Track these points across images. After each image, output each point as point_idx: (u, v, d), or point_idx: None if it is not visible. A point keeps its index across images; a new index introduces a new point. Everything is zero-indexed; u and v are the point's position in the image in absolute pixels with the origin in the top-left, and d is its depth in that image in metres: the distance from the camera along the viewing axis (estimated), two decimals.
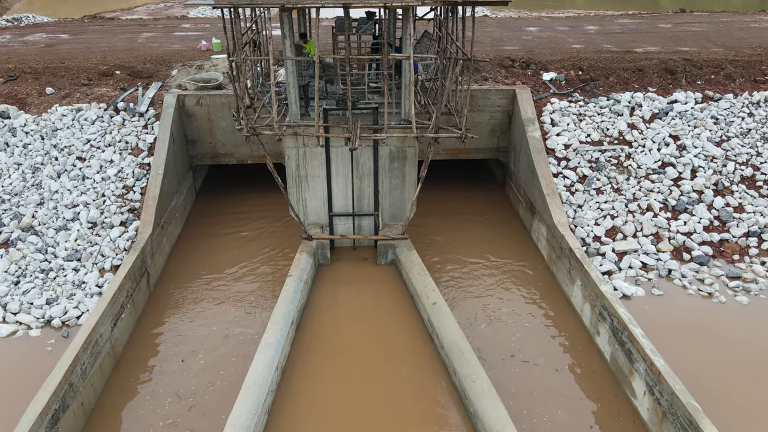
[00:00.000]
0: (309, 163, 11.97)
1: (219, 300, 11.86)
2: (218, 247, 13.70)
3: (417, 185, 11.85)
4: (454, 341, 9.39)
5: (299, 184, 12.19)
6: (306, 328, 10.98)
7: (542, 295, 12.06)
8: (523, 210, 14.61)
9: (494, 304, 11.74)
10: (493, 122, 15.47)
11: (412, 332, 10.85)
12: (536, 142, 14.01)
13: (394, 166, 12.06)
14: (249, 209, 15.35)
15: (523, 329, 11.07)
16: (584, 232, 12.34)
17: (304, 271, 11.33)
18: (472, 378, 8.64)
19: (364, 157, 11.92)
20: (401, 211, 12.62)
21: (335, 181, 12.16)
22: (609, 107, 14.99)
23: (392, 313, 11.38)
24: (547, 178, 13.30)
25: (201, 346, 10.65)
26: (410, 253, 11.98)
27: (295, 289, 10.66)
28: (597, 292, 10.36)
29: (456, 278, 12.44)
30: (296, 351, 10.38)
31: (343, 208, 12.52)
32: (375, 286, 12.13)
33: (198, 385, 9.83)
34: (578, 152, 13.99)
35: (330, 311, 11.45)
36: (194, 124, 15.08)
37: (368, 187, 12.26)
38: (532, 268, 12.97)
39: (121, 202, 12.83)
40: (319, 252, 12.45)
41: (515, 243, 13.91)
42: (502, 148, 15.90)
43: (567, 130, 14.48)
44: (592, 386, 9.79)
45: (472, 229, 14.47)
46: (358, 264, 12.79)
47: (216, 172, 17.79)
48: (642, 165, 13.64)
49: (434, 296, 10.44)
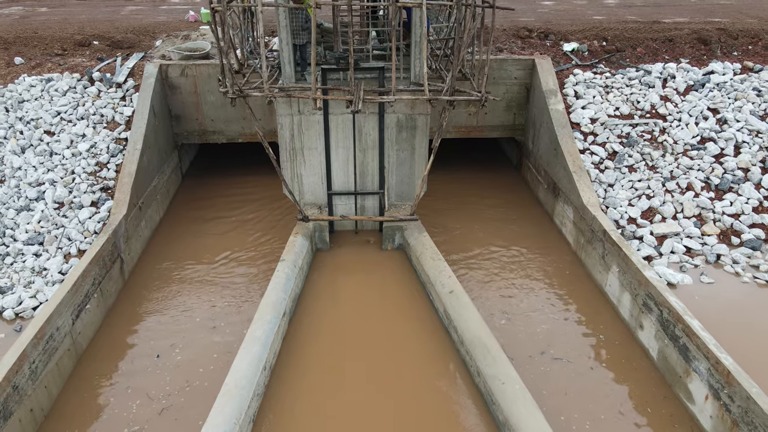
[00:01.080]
0: (305, 134, 10.46)
1: (204, 289, 10.38)
2: (205, 233, 12.21)
3: (428, 159, 10.35)
4: (476, 336, 7.89)
5: (294, 158, 10.69)
6: (301, 320, 9.48)
7: (570, 285, 10.59)
8: (544, 192, 13.13)
9: (515, 296, 10.26)
10: (509, 96, 14.00)
11: (424, 326, 9.36)
12: (559, 115, 12.53)
13: (403, 136, 10.56)
14: (241, 193, 13.86)
15: (549, 323, 9.60)
16: (617, 213, 10.87)
17: (298, 255, 9.83)
18: (501, 379, 7.13)
19: (368, 127, 10.42)
20: (410, 189, 11.12)
21: (335, 155, 10.66)
22: (639, 79, 13.52)
23: (401, 304, 9.88)
24: (574, 155, 11.83)
25: (181, 340, 9.18)
26: (421, 235, 10.48)
27: (288, 276, 9.16)
28: (640, 280, 8.88)
29: (470, 268, 10.94)
30: (289, 347, 8.89)
31: (343, 186, 11.01)
32: (380, 273, 10.62)
33: (173, 384, 8.35)
34: (606, 126, 12.52)
35: (329, 302, 9.95)
36: (179, 98, 13.61)
37: (372, 161, 10.75)
38: (557, 255, 11.49)
39: (93, 180, 11.34)
40: (317, 235, 10.95)
41: (535, 228, 12.44)
42: (519, 126, 14.44)
43: (593, 103, 13.02)
44: (636, 387, 8.33)
45: (486, 214, 12.98)
46: (361, 249, 11.27)
47: (205, 153, 16.31)
48: (679, 140, 12.17)
49: (451, 283, 8.93)
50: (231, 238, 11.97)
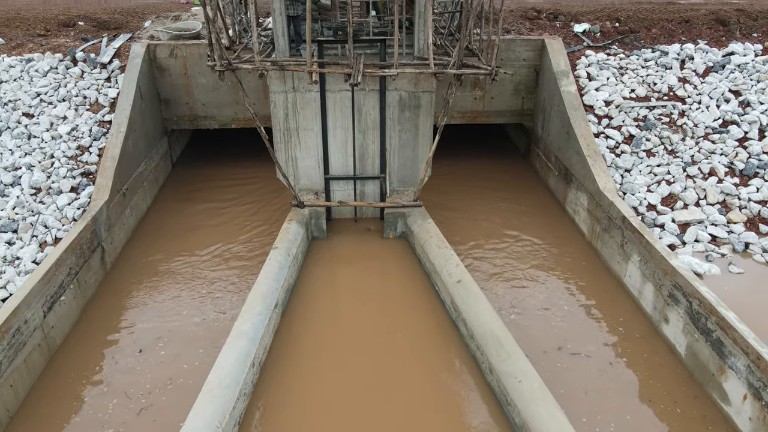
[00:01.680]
0: (300, 113, 9.71)
1: (193, 281, 9.63)
2: (196, 222, 11.45)
3: (433, 141, 9.60)
4: (488, 329, 7.13)
5: (288, 139, 9.93)
6: (294, 313, 8.73)
7: (585, 276, 9.84)
8: (555, 179, 12.37)
9: (526, 288, 9.51)
10: (517, 79, 13.24)
11: (429, 319, 8.60)
12: (572, 97, 11.78)
13: (405, 116, 9.81)
14: (235, 182, 13.10)
15: (564, 317, 8.85)
16: (635, 200, 10.11)
17: (292, 243, 9.07)
18: (517, 377, 6.37)
19: (368, 105, 9.66)
20: (413, 173, 10.37)
21: (332, 136, 9.90)
22: (655, 60, 12.77)
23: (403, 295, 9.13)
24: (588, 138, 11.07)
25: (166, 333, 8.44)
26: (425, 222, 9.71)
27: (281, 265, 8.40)
28: (666, 269, 8.12)
29: (476, 260, 10.18)
30: (281, 342, 8.13)
31: (342, 170, 10.26)
32: (381, 263, 9.87)
33: (154, 382, 7.61)
34: (622, 109, 11.77)
35: (325, 293, 9.19)
36: (168, 80, 12.84)
37: (373, 143, 10.00)
38: (570, 244, 10.74)
39: (74, 164, 10.58)
40: (313, 222, 10.19)
41: (546, 217, 11.68)
42: (527, 111, 13.68)
43: (607, 85, 12.26)
44: (663, 385, 7.59)
45: (493, 204, 12.23)
46: (361, 237, 10.52)
47: (198, 140, 15.56)
48: (699, 123, 11.41)
49: (458, 273, 8.17)
50: (223, 227, 11.21)
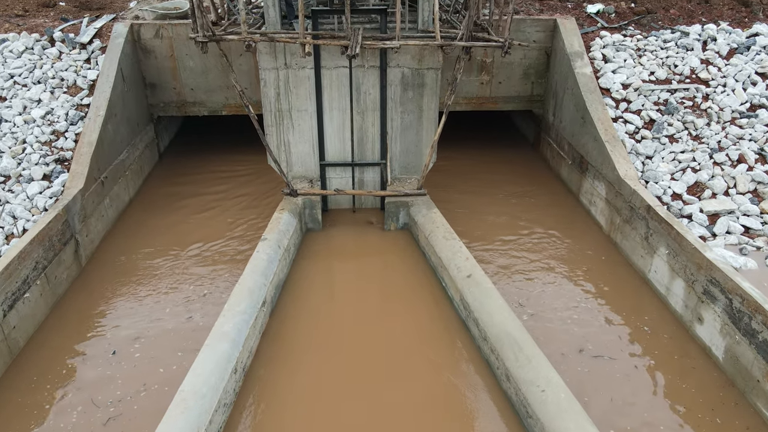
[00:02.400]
0: (293, 92, 8.85)
1: (179, 277, 8.78)
2: (183, 215, 10.60)
3: (439, 123, 8.76)
4: (504, 330, 6.27)
5: (280, 122, 9.08)
6: (285, 312, 7.87)
7: (604, 272, 9.00)
8: (568, 169, 11.52)
9: (539, 285, 8.66)
10: (527, 63, 12.40)
11: (436, 319, 7.75)
12: (587, 79, 10.94)
13: (408, 96, 8.96)
14: (227, 172, 12.25)
15: (583, 316, 8.01)
16: (659, 188, 9.26)
17: (284, 234, 8.21)
18: (540, 385, 5.52)
19: (367, 84, 8.81)
20: (417, 159, 9.52)
21: (328, 118, 9.06)
22: (675, 41, 11.92)
23: (406, 292, 8.28)
24: (605, 122, 10.23)
25: (145, 334, 7.60)
26: (430, 212, 8.86)
27: (270, 258, 7.55)
28: (700, 263, 7.28)
29: (483, 255, 9.33)
30: (269, 345, 7.28)
31: (338, 155, 9.41)
32: (382, 257, 9.01)
33: (126, 387, 6.77)
34: (641, 92, 10.92)
35: (320, 290, 8.34)
36: (153, 63, 12.00)
37: (373, 126, 9.15)
38: (586, 238, 9.89)
39: (47, 150, 9.73)
40: (307, 213, 9.33)
41: (558, 209, 10.84)
42: (537, 97, 12.84)
43: (624, 67, 11.42)
44: (698, 392, 6.75)
45: (500, 195, 11.38)
46: (360, 229, 9.67)
47: (189, 129, 14.71)
48: (725, 107, 10.56)
49: (468, 267, 7.32)
50: (213, 221, 10.36)
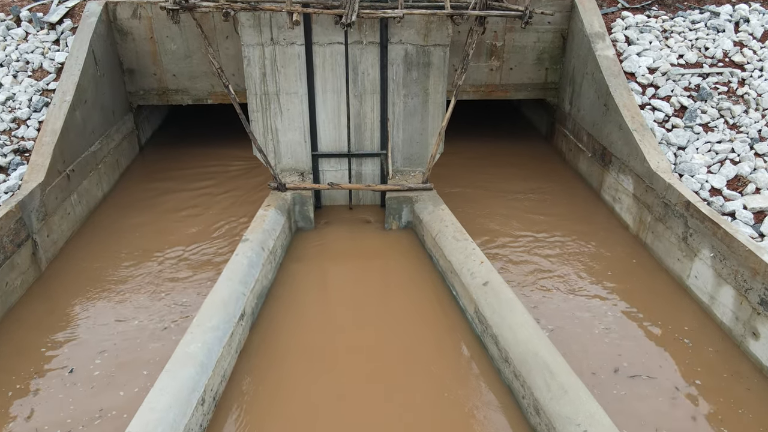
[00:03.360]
0: (281, 72, 7.77)
1: (153, 285, 7.70)
2: (163, 213, 9.53)
3: (447, 108, 7.67)
4: (530, 351, 5.18)
5: (267, 106, 7.99)
6: (269, 327, 6.78)
7: (633, 277, 7.93)
8: (588, 162, 10.44)
9: (562, 293, 7.58)
10: (541, 47, 11.33)
11: (445, 333, 6.66)
12: (610, 62, 9.86)
13: (412, 77, 7.88)
14: (214, 167, 11.18)
15: (612, 328, 6.95)
16: (695, 182, 8.18)
17: (269, 234, 7.12)
18: (580, 423, 4.41)
19: (365, 63, 7.73)
20: (422, 150, 8.44)
21: (321, 102, 7.97)
22: (705, 22, 10.85)
23: (411, 302, 7.19)
24: (632, 109, 9.15)
25: (110, 348, 6.52)
26: (437, 209, 7.77)
27: (251, 262, 6.45)
28: (756, 268, 6.20)
29: (495, 259, 8.27)
30: (248, 368, 6.19)
31: (333, 145, 8.33)
32: (383, 260, 7.92)
33: (78, 414, 5.69)
34: (669, 77, 9.84)
35: (311, 300, 7.25)
36: (131, 46, 10.92)
37: (372, 111, 8.07)
38: (610, 238, 8.82)
39: (6, 140, 8.64)
40: (297, 210, 8.24)
41: (577, 206, 9.77)
42: (552, 84, 11.76)
43: (650, 50, 10.34)
44: (755, 416, 5.68)
45: (512, 192, 10.30)
46: (357, 228, 8.58)
47: (174, 121, 13.61)
48: (764, 93, 9.48)
49: (484, 272, 6.23)
50: (196, 220, 9.28)
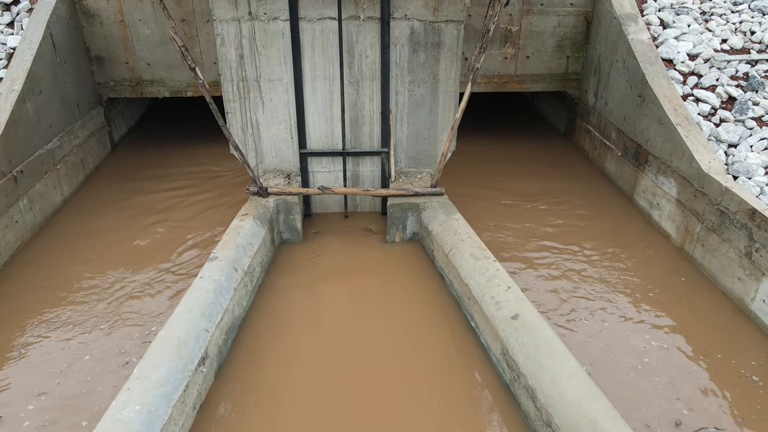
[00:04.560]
0: (261, 54, 6.48)
1: (111, 309, 6.40)
2: (132, 221, 8.23)
3: (461, 98, 6.38)
4: (583, 416, 3.89)
5: (245, 95, 6.69)
6: (242, 368, 5.47)
7: (683, 300, 6.65)
8: (617, 162, 9.17)
9: (597, 320, 6.29)
10: (562, 32, 10.06)
11: (461, 379, 5.37)
12: (645, 47, 8.58)
13: (419, 60, 6.59)
14: (195, 168, 9.91)
15: (665, 365, 5.66)
16: (754, 185, 6.90)
17: (244, 251, 5.81)
18: None
19: (363, 43, 6.44)
20: (430, 147, 7.15)
21: (311, 90, 6.69)
22: (748, 3, 9.58)
23: (418, 334, 5.88)
24: (674, 101, 7.88)
25: (54, 388, 5.23)
26: (450, 219, 6.47)
27: (218, 288, 5.15)
28: None
29: (514, 277, 7.00)
30: (210, 429, 4.89)
31: (325, 142, 7.04)
32: (384, 281, 6.61)
33: None
34: (713, 64, 8.57)
35: (296, 331, 5.95)
36: (99, 31, 9.65)
37: (371, 101, 6.78)
38: (648, 251, 7.54)
39: None
40: (281, 219, 6.93)
41: (606, 213, 8.49)
42: (573, 75, 10.49)
43: (689, 33, 9.07)
44: None
45: (528, 195, 9.02)
46: (354, 241, 7.27)
47: (154, 116, 12.34)
48: None
49: (512, 301, 4.92)
50: (172, 232, 7.99)
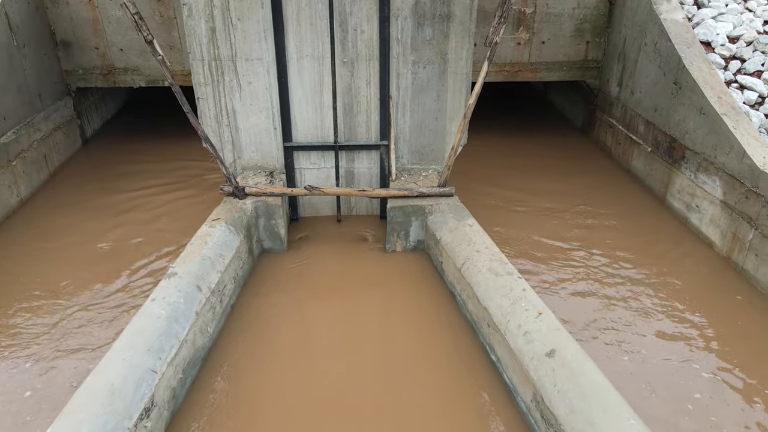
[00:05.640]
0: (237, 27, 5.45)
1: (53, 342, 5.37)
2: (94, 226, 7.20)
3: (473, 85, 5.35)
4: None
5: (219, 78, 5.66)
6: (203, 422, 4.42)
7: (735, 319, 5.61)
8: (646, 158, 8.14)
9: (626, 346, 5.25)
10: (581, 14, 9.05)
11: (479, 427, 4.32)
12: (680, 28, 7.56)
13: (425, 35, 5.55)
14: (176, 163, 8.91)
15: (719, 406, 4.61)
16: None
17: (211, 265, 4.76)
18: None
19: (359, 14, 5.41)
20: (437, 140, 6.11)
21: (296, 72, 5.65)
22: None
23: (427, 373, 4.83)
24: (717, 87, 6.85)
25: None
26: (462, 224, 5.41)
27: (174, 313, 4.07)
28: None
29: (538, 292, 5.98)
30: None
31: (313, 133, 6.01)
32: (384, 298, 5.56)
33: None
34: (757, 48, 7.55)
35: (278, 369, 4.90)
36: (64, 12, 8.66)
37: (368, 85, 5.75)
38: (689, 263, 6.51)
39: None
40: (262, 224, 5.88)
41: (634, 216, 7.46)
42: (592, 62, 9.47)
43: (727, 14, 8.06)
44: None
45: (544, 197, 7.98)
46: (348, 250, 6.20)
47: (135, 106, 11.34)
48: None
49: (546, 331, 3.84)
50: (133, 240, 6.96)
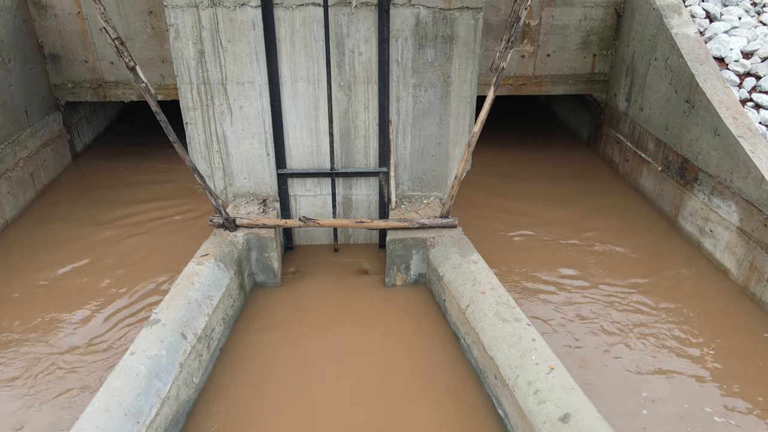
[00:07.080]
0: (227, 50, 5.14)
1: (31, 389, 5.08)
2: (83, 254, 6.90)
3: (482, 105, 5.03)
4: None
5: (208, 103, 5.35)
6: None
7: (753, 355, 5.30)
8: (656, 178, 7.83)
9: (646, 401, 4.94)
10: (588, 26, 8.74)
11: None
12: (693, 43, 7.25)
13: (427, 57, 5.25)
14: (170, 183, 8.61)
15: None
16: None
17: (199, 308, 4.44)
18: None
19: (356, 36, 5.10)
20: (439, 167, 5.80)
21: (290, 95, 5.34)
22: None
23: (429, 425, 4.52)
24: (733, 107, 6.54)
25: None
26: (466, 260, 5.10)
27: (155, 368, 3.70)
28: None
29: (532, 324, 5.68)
30: None
31: (308, 159, 5.70)
32: (384, 337, 5.23)
33: None
34: None
35: (272, 417, 4.59)
36: (52, 25, 8.36)
37: (366, 109, 5.44)
38: (704, 292, 6.20)
39: None
40: (254, 258, 5.57)
41: (644, 240, 7.15)
42: (600, 75, 9.17)
43: (741, 27, 7.74)
44: None
45: (549, 219, 7.67)
46: (345, 283, 5.88)
47: (128, 119, 11.05)
48: None
49: (559, 391, 3.51)
50: (136, 269, 6.67)
